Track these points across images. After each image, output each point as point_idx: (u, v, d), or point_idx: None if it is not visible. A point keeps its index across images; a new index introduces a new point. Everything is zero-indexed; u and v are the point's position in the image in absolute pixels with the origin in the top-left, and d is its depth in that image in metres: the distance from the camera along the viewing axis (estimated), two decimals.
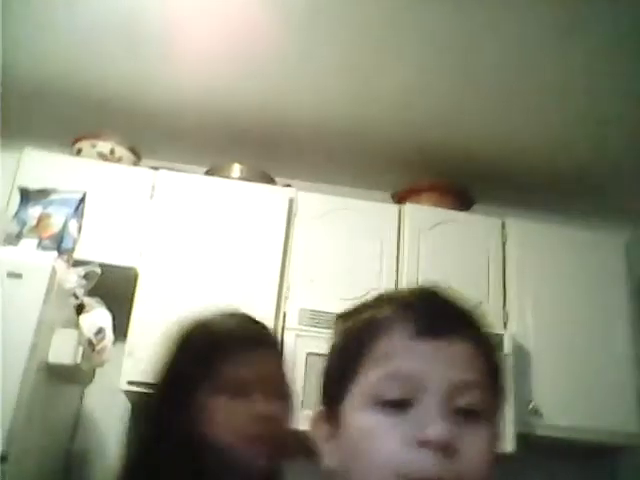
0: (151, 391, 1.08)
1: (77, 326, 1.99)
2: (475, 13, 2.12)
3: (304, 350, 2.23)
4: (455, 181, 2.80)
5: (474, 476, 0.60)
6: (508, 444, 2.26)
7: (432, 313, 0.65)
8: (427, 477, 0.58)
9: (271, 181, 2.72)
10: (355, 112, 2.64)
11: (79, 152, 2.62)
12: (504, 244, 2.64)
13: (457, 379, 0.62)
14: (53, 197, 2.15)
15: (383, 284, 2.48)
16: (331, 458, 0.66)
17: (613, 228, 2.86)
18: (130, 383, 2.25)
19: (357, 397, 0.64)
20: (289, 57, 2.39)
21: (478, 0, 2.06)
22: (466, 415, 0.61)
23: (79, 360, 1.90)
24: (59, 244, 2.03)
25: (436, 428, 0.59)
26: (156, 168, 2.61)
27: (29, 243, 2.00)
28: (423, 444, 0.58)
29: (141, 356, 2.25)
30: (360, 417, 0.63)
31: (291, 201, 2.58)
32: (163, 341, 1.13)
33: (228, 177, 2.65)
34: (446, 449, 0.58)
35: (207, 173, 2.71)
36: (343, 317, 0.72)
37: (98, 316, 2.08)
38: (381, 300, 0.70)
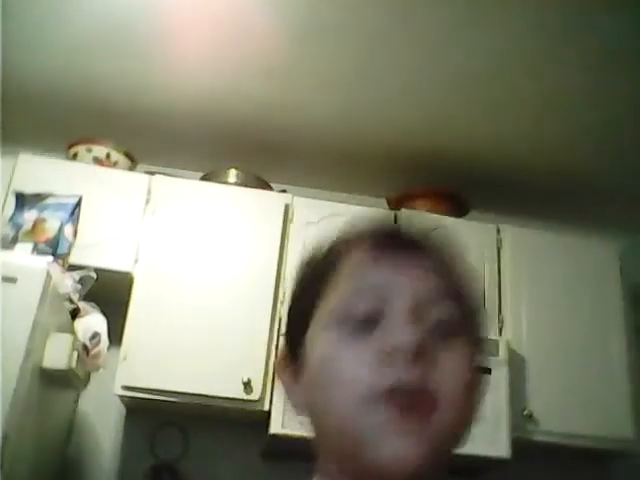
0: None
1: (72, 331, 1.98)
2: (470, 18, 2.13)
3: None
4: (450, 187, 2.80)
5: (454, 390, 0.54)
6: (503, 449, 2.26)
7: (396, 229, 0.63)
8: (401, 385, 0.52)
9: (267, 186, 2.72)
10: (351, 118, 2.64)
11: (75, 156, 2.61)
12: (499, 250, 2.65)
13: (423, 289, 0.57)
14: (49, 201, 2.15)
15: None
16: (298, 399, 0.61)
17: (608, 235, 2.87)
18: (125, 388, 2.25)
19: (321, 321, 0.59)
20: (285, 63, 2.39)
21: (474, 5, 2.08)
22: (439, 329, 0.56)
23: (74, 365, 1.89)
24: (54, 248, 2.03)
25: (404, 334, 0.54)
26: (152, 173, 2.61)
27: (24, 247, 1.99)
28: (392, 353, 0.53)
29: (136, 361, 2.26)
30: (324, 340, 0.58)
31: (287, 206, 2.59)
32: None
33: (224, 182, 2.65)
34: (419, 355, 0.53)
35: (203, 178, 2.71)
36: (304, 258, 0.67)
37: (93, 321, 2.07)
38: (341, 231, 0.65)
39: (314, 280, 0.62)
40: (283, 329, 0.66)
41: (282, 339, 0.66)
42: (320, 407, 0.57)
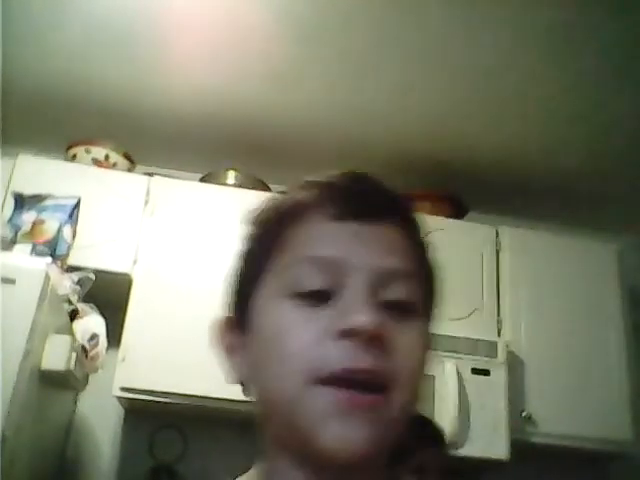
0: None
1: (71, 332, 1.98)
2: (468, 20, 2.13)
3: None
4: (449, 189, 2.81)
5: (405, 375, 0.51)
6: (502, 451, 2.26)
7: (357, 195, 0.56)
8: (352, 368, 0.49)
9: (265, 188, 2.72)
10: (349, 120, 2.65)
11: (74, 158, 2.61)
12: (498, 252, 2.65)
13: (383, 266, 0.53)
14: (47, 202, 2.15)
15: None
16: (237, 370, 0.57)
17: (606, 236, 2.88)
18: (123, 389, 2.25)
19: (269, 290, 0.55)
20: (283, 66, 2.39)
21: (471, 7, 2.08)
22: (395, 309, 0.52)
23: (72, 366, 1.89)
24: (53, 250, 2.03)
25: (360, 315, 0.50)
26: (151, 174, 2.61)
27: (23, 248, 1.99)
28: (344, 334, 0.49)
29: (134, 363, 2.25)
30: (271, 311, 0.54)
31: None
32: None
33: (223, 184, 2.65)
34: (373, 339, 0.49)
35: (202, 180, 2.71)
36: (252, 212, 0.62)
37: (92, 322, 2.07)
38: (298, 185, 0.60)
39: (265, 240, 0.58)
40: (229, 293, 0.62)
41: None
42: (265, 380, 0.53)
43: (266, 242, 0.57)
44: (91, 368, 2.11)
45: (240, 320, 0.57)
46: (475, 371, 2.35)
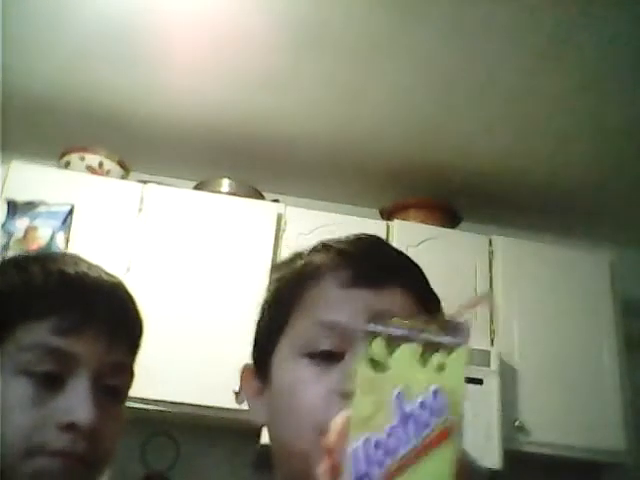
0: None
1: None
2: (465, 26, 2.14)
3: None
4: (442, 198, 2.81)
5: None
6: (494, 461, 2.26)
7: (366, 262, 0.62)
8: None
9: (259, 196, 2.73)
10: (344, 129, 2.65)
11: (67, 165, 2.61)
12: (491, 261, 2.66)
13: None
14: (41, 209, 2.15)
15: None
16: (259, 414, 0.64)
17: (599, 246, 2.89)
18: None
19: (286, 348, 0.61)
20: (279, 74, 2.40)
21: (469, 12, 2.09)
22: None
23: None
24: None
25: None
26: (145, 182, 2.61)
27: None
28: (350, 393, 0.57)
29: None
30: (288, 368, 0.60)
31: (279, 216, 2.59)
32: None
33: (217, 192, 2.65)
34: None
35: (196, 187, 2.71)
36: (277, 266, 0.69)
37: None
38: (316, 248, 0.66)
39: (285, 301, 0.64)
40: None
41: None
42: (278, 427, 0.61)
43: (286, 303, 0.63)
44: None
45: (261, 370, 0.64)
46: (468, 380, 2.34)
